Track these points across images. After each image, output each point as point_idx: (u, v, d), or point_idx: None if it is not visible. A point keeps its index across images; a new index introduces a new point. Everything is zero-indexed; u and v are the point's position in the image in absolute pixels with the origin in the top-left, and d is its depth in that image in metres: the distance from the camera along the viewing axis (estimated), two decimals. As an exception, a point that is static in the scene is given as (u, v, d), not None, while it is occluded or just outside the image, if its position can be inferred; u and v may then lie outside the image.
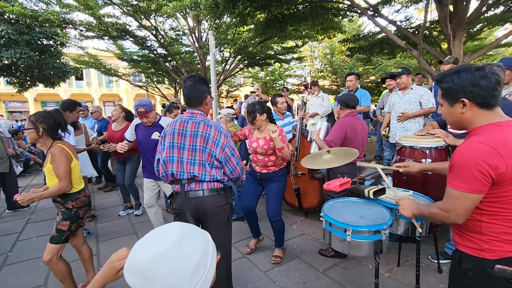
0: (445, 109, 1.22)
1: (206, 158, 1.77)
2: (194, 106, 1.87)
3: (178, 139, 1.80)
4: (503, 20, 7.03)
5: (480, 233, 1.13)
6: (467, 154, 1.07)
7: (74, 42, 10.96)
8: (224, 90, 18.84)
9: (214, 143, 1.77)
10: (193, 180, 1.78)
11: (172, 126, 1.85)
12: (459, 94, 1.13)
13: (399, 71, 3.72)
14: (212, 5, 6.61)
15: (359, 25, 16.04)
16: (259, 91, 6.54)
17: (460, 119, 1.18)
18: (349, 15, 7.36)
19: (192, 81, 1.85)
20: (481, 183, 1.05)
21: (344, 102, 2.85)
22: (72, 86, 26.18)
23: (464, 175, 1.07)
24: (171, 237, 0.71)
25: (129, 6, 8.54)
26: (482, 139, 1.07)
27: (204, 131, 1.77)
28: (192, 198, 1.79)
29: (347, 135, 2.72)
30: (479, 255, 1.13)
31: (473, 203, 1.09)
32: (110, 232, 3.60)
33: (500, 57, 15.10)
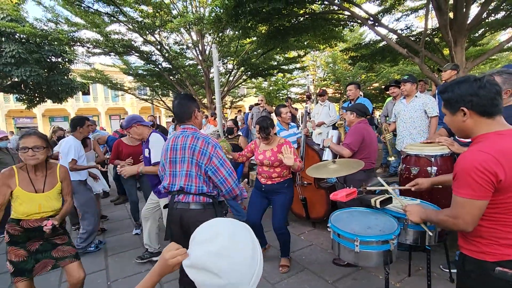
0: (448, 118, 1.29)
1: (194, 168, 1.84)
2: (184, 122, 1.97)
3: (170, 154, 1.91)
4: (504, 25, 7.06)
5: (481, 236, 1.18)
6: (468, 162, 1.12)
7: (82, 59, 11.27)
8: (228, 101, 19.03)
9: (201, 153, 1.83)
10: (181, 191, 1.86)
11: (168, 143, 1.97)
12: (458, 104, 1.20)
13: (404, 78, 3.69)
14: (215, 20, 6.77)
15: (360, 33, 16.20)
16: (263, 102, 6.62)
17: (462, 127, 1.24)
18: (350, 25, 7.46)
19: (179, 99, 1.99)
20: (484, 189, 1.08)
21: (361, 111, 2.96)
22: (79, 101, 26.73)
23: (468, 182, 1.11)
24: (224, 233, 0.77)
25: (135, 23, 8.79)
26: (482, 147, 1.12)
27: (192, 142, 1.86)
28: (179, 209, 1.86)
29: (364, 138, 2.79)
30: (480, 257, 1.18)
31: (479, 209, 1.12)
32: (118, 246, 3.62)
33: (504, 61, 15.09)
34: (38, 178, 2.01)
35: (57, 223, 1.94)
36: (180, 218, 1.85)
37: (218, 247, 0.73)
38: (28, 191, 1.94)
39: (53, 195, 2.04)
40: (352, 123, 3.00)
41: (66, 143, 3.38)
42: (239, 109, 14.64)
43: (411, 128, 3.61)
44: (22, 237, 1.95)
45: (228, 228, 0.79)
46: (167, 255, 0.85)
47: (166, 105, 16.91)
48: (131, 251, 3.46)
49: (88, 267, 3.09)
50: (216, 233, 0.77)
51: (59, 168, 2.12)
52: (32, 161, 1.92)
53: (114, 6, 8.26)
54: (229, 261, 0.72)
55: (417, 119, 3.57)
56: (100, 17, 8.92)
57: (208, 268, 0.72)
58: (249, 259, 0.74)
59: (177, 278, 2.77)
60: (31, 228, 1.95)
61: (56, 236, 2.07)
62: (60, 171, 2.11)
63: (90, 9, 8.45)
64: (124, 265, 3.12)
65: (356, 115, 2.96)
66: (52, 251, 2.04)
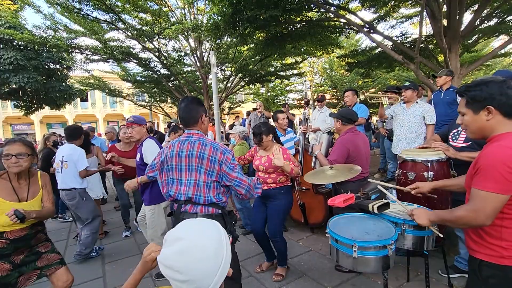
0: (469, 117, 1.28)
1: (203, 179, 1.74)
2: (189, 126, 1.89)
3: (176, 161, 1.80)
4: (497, 31, 7.18)
5: (500, 239, 1.16)
6: (494, 156, 1.13)
7: (80, 66, 11.30)
8: (226, 107, 19.11)
9: (210, 161, 1.73)
10: (189, 201, 1.76)
11: (171, 148, 1.86)
12: (486, 101, 1.20)
13: (405, 85, 3.71)
14: (213, 27, 6.84)
15: (357, 40, 16.41)
16: (261, 108, 6.66)
17: (483, 127, 1.24)
18: (346, 32, 7.56)
19: (186, 102, 1.90)
20: (510, 183, 1.10)
21: (347, 118, 2.84)
22: (77, 108, 26.71)
23: (493, 176, 1.12)
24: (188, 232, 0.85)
25: (133, 30, 8.86)
26: (507, 143, 1.13)
27: (199, 150, 1.75)
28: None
29: (349, 153, 2.72)
30: (500, 262, 1.15)
31: (501, 203, 1.13)
32: (115, 253, 3.59)
33: (499, 66, 15.30)
34: (22, 187, 1.95)
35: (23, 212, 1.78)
36: None
37: (180, 247, 0.80)
38: (11, 200, 1.87)
39: (37, 203, 1.98)
40: (340, 131, 2.93)
41: (73, 150, 3.35)
42: (237, 115, 14.68)
43: (407, 133, 3.65)
44: (9, 248, 1.86)
45: (193, 228, 0.87)
46: (145, 253, 0.98)
47: (164, 111, 16.94)
48: (128, 258, 3.43)
49: (85, 275, 3.07)
50: (181, 233, 0.85)
51: (40, 175, 2.07)
52: (15, 169, 1.86)
53: (113, 14, 8.34)
54: (187, 259, 0.78)
55: (414, 125, 3.60)
56: (99, 25, 8.97)
57: (170, 266, 0.79)
58: (212, 257, 0.80)
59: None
60: (16, 238, 1.87)
61: (39, 244, 2.02)
62: (41, 178, 2.06)
63: (89, 17, 8.51)
64: (122, 272, 3.10)
65: (342, 122, 2.87)
66: (37, 261, 1.98)
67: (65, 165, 3.29)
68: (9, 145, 1.87)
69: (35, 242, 1.99)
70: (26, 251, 1.95)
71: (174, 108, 17.55)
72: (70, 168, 3.29)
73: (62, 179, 3.30)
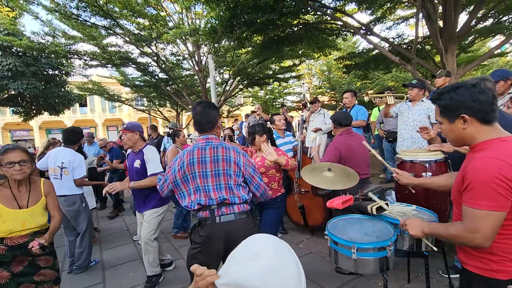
0: (445, 126, 1.21)
1: (233, 180, 1.76)
2: (206, 131, 1.88)
3: (199, 167, 1.76)
4: (493, 31, 7.24)
5: (491, 253, 1.09)
6: (484, 171, 1.03)
7: (79, 71, 11.34)
8: (225, 110, 19.14)
9: (236, 164, 1.78)
10: (223, 204, 1.73)
11: (189, 156, 1.79)
12: (459, 110, 1.13)
13: (412, 83, 3.63)
14: (210, 31, 6.88)
15: (354, 42, 16.49)
16: (260, 111, 6.68)
17: (461, 136, 1.17)
18: (343, 34, 7.61)
19: (202, 107, 1.87)
20: (505, 198, 1.01)
21: (336, 121, 2.90)
22: (76, 113, 26.74)
23: (486, 193, 1.02)
24: (268, 250, 0.73)
25: (131, 35, 8.91)
26: (494, 154, 1.04)
27: (225, 154, 1.77)
28: (223, 223, 1.72)
29: (341, 155, 2.73)
30: (490, 275, 1.10)
31: (499, 221, 1.04)
32: (115, 258, 3.58)
33: (495, 66, 15.37)
34: (22, 194, 1.95)
35: (44, 242, 1.88)
36: (225, 231, 1.71)
37: (263, 266, 0.69)
38: (11, 207, 1.88)
39: (38, 210, 1.97)
40: (335, 134, 2.99)
41: (74, 156, 3.28)
42: (235, 118, 14.70)
43: (413, 132, 3.55)
44: (7, 255, 1.86)
45: (271, 246, 0.75)
46: (197, 278, 0.81)
47: (163, 115, 16.96)
48: (128, 263, 3.42)
49: (85, 281, 3.06)
50: (259, 251, 0.73)
51: (43, 182, 2.07)
52: (19, 176, 1.87)
53: (111, 20, 8.39)
54: (275, 280, 0.67)
55: (420, 123, 3.48)
56: (97, 30, 9.02)
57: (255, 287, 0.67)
58: (295, 278, 0.70)
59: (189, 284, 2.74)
60: (15, 245, 1.87)
61: (41, 256, 1.99)
62: (44, 186, 2.06)
63: (87, 23, 8.56)
64: (121, 278, 3.08)
65: (334, 125, 2.93)
66: (34, 276, 1.96)
67: (65, 171, 3.20)
68: (10, 153, 1.87)
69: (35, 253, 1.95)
70: (26, 260, 1.93)
71: (173, 112, 17.58)
72: (70, 175, 3.22)
73: (62, 185, 3.16)
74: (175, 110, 17.18)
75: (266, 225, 2.64)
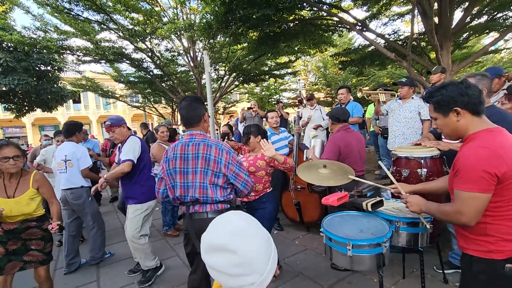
0: (440, 121, 1.32)
1: (209, 180, 1.75)
2: (192, 126, 1.88)
3: (180, 163, 1.79)
4: (487, 28, 7.27)
5: (486, 234, 1.18)
6: (471, 158, 1.15)
7: (72, 67, 11.15)
8: (221, 107, 19.06)
9: (217, 163, 1.75)
10: (196, 202, 1.78)
11: (173, 150, 1.84)
12: (451, 104, 1.25)
13: (402, 81, 3.69)
14: (205, 26, 6.80)
15: (350, 38, 16.47)
16: (256, 107, 6.64)
17: (456, 128, 1.28)
18: (339, 30, 7.58)
19: (188, 101, 1.88)
20: (488, 182, 1.12)
21: (335, 117, 2.90)
22: (70, 110, 26.38)
23: (472, 177, 1.14)
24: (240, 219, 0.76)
25: (125, 31, 8.77)
26: (481, 143, 1.16)
27: (205, 152, 1.76)
28: (196, 220, 1.78)
29: (340, 151, 2.74)
30: (488, 256, 1.18)
31: (482, 203, 1.15)
32: (110, 257, 3.54)
33: (489, 63, 15.51)
34: (12, 185, 2.17)
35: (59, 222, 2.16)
36: (198, 228, 1.75)
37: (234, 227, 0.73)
38: (1, 197, 2.11)
39: (23, 200, 2.17)
40: (333, 130, 2.98)
41: (76, 148, 3.30)
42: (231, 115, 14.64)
43: (404, 128, 3.63)
44: (4, 237, 2.14)
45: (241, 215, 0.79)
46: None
47: (158, 112, 16.82)
48: (122, 261, 3.39)
49: (79, 279, 3.03)
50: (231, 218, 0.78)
51: (34, 175, 2.26)
52: (14, 169, 2.10)
53: (104, 14, 8.23)
54: (245, 240, 0.70)
55: (411, 120, 3.59)
56: (90, 25, 8.86)
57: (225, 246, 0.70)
58: (265, 242, 0.74)
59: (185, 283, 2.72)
60: (8, 230, 2.14)
61: (33, 241, 2.24)
62: (35, 179, 2.24)
63: (80, 17, 8.40)
64: (116, 276, 3.06)
65: (332, 121, 2.93)
66: (24, 255, 2.21)
67: (69, 164, 3.22)
68: (5, 149, 2.07)
69: (26, 236, 2.20)
70: (20, 242, 2.19)
71: (168, 109, 17.44)
72: (75, 167, 3.24)
73: (67, 178, 3.20)
74: (170, 107, 17.05)
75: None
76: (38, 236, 2.26)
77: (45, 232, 2.29)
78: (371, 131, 5.98)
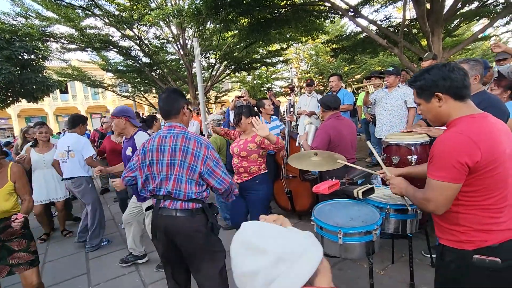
0: (423, 107, 1.27)
1: (185, 173, 1.68)
2: (170, 118, 1.83)
3: (157, 155, 1.73)
4: (478, 15, 7.28)
5: (458, 224, 1.17)
6: (444, 145, 1.12)
7: (57, 55, 10.76)
8: (212, 96, 18.82)
9: (194, 156, 1.68)
10: (168, 197, 1.70)
11: (151, 142, 1.78)
12: (432, 89, 1.20)
13: (388, 70, 3.75)
14: (194, 12, 6.61)
15: (342, 25, 16.32)
16: (247, 96, 6.54)
17: (438, 114, 1.23)
18: (331, 17, 7.47)
19: (167, 93, 1.85)
20: (458, 171, 1.08)
21: (325, 104, 2.87)
22: (57, 100, 25.66)
23: (442, 165, 1.11)
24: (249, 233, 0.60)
25: (111, 17, 8.46)
26: (459, 129, 1.12)
27: (183, 144, 1.69)
28: (163, 217, 1.70)
29: (331, 139, 2.72)
30: (458, 246, 1.17)
31: (452, 192, 1.12)
32: (100, 248, 3.50)
33: (479, 51, 15.64)
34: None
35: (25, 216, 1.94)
36: (165, 225, 1.70)
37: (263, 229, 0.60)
38: None
39: (2, 194, 1.98)
40: (323, 118, 2.96)
41: (78, 139, 3.41)
42: (223, 104, 14.49)
43: (390, 116, 3.70)
44: None
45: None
46: None
47: (148, 101, 16.52)
48: (113, 253, 3.36)
49: (69, 272, 2.99)
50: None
51: (11, 167, 2.07)
52: None
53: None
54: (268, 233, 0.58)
55: (397, 108, 3.66)
56: (74, 11, 8.52)
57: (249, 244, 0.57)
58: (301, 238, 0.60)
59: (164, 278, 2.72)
60: None
61: (14, 240, 2.04)
62: (12, 171, 2.05)
63: (63, 2, 8.05)
64: (106, 268, 3.03)
65: (323, 109, 2.91)
66: (8, 258, 2.02)
67: (71, 154, 3.35)
68: None
69: (6, 237, 2.01)
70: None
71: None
72: (76, 157, 3.37)
73: (68, 168, 3.36)
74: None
75: (251, 212, 2.60)
76: (19, 235, 2.06)
77: (26, 230, 2.12)
78: (363, 119, 6.00)
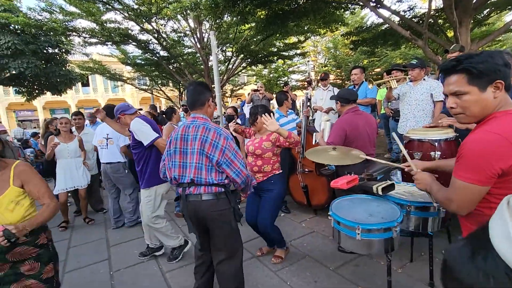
0: (472, 97, 1.04)
1: (204, 160, 1.79)
2: (195, 109, 1.94)
3: (180, 144, 1.86)
4: (510, 4, 6.82)
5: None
6: (476, 144, 1.01)
7: (79, 49, 11.11)
8: (228, 90, 18.85)
9: (213, 146, 1.78)
10: (192, 184, 1.82)
11: (176, 132, 1.92)
12: (493, 75, 1.00)
13: (412, 63, 3.58)
14: (212, 5, 6.60)
15: (362, 17, 15.79)
16: (263, 89, 6.51)
17: (487, 106, 1.04)
18: (351, 8, 7.24)
19: (194, 86, 1.97)
20: (487, 175, 0.98)
21: (344, 98, 2.80)
22: (79, 93, 26.61)
23: (471, 166, 1.01)
24: None
25: (130, 11, 8.61)
26: (493, 128, 1.00)
27: (203, 134, 1.80)
28: (191, 202, 1.83)
29: (347, 134, 2.65)
30: None
31: (477, 195, 1.04)
32: (120, 236, 3.64)
33: (510, 42, 14.70)
34: None
35: (12, 229, 1.36)
36: (195, 211, 1.84)
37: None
38: None
39: (4, 204, 1.50)
40: (341, 113, 2.88)
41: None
42: (238, 97, 14.49)
43: (415, 111, 3.55)
44: None
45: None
46: None
47: (166, 95, 16.78)
48: (133, 241, 3.47)
49: (91, 257, 3.12)
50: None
51: (15, 167, 1.57)
52: None
53: (108, -7, 8.07)
54: None
55: (422, 102, 3.49)
56: (95, 5, 8.72)
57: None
58: None
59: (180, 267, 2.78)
60: None
61: (25, 261, 1.56)
62: (16, 172, 1.56)
63: (85, -3, 8.26)
64: (127, 255, 3.14)
65: (340, 103, 2.82)
66: (12, 285, 1.53)
67: (110, 141, 3.70)
68: None
69: (13, 257, 1.52)
70: (6, 266, 1.53)
71: (176, 91, 17.37)
72: (115, 144, 3.71)
73: (107, 154, 3.71)
74: (177, 90, 16.96)
75: (262, 208, 2.61)
76: (32, 256, 1.57)
77: (42, 249, 1.61)
78: (382, 113, 5.82)
